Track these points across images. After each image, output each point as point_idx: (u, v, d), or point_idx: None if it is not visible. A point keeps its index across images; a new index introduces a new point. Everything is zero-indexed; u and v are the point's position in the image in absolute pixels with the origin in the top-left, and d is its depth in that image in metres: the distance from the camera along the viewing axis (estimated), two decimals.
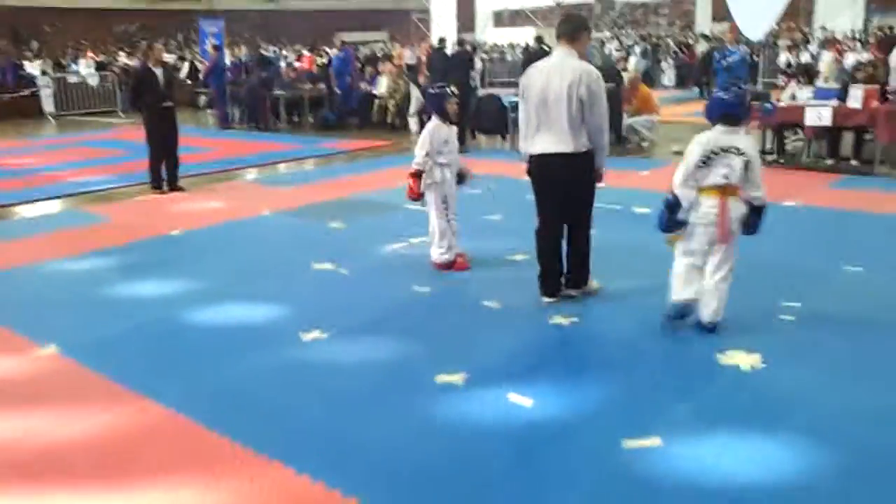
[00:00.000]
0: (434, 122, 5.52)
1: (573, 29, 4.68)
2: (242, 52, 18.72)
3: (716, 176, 4.13)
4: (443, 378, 3.82)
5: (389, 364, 4.06)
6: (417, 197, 5.47)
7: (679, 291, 4.31)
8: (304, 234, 6.85)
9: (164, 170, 9.02)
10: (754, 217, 4.25)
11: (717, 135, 4.17)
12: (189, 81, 19.87)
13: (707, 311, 4.31)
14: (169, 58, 18.77)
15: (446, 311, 4.88)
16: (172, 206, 8.31)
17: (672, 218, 4.26)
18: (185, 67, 20.81)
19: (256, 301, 5.08)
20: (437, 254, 5.56)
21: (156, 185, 8.98)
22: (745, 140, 4.22)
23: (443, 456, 3.15)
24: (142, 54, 9.44)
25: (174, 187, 9.07)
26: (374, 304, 4.98)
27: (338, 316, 4.75)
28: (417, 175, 5.40)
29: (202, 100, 18.93)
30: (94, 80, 19.84)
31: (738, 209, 4.19)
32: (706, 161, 4.14)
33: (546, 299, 4.91)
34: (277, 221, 7.42)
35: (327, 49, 21.90)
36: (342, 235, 6.79)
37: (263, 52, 21.38)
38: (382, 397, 3.67)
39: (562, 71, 4.56)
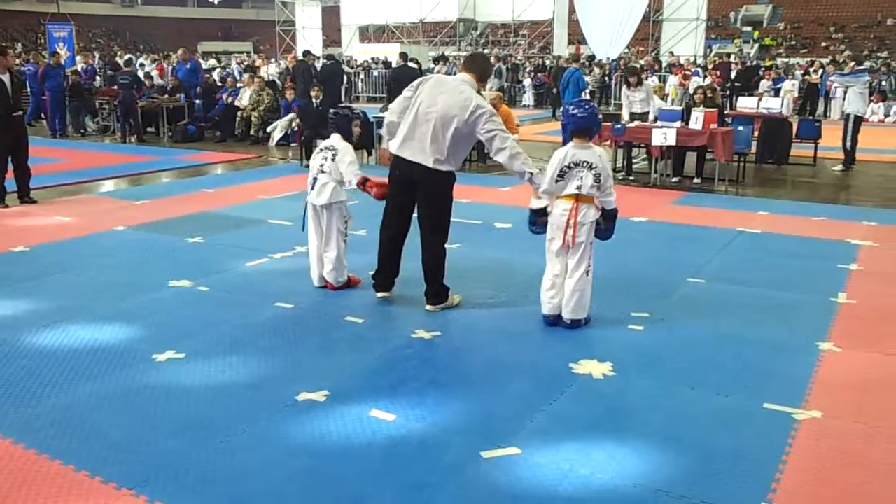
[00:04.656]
0: (339, 136, 5.39)
1: (479, 69, 5.01)
2: (95, 58, 17.84)
3: (570, 188, 4.52)
4: (305, 396, 3.77)
5: (249, 383, 3.96)
6: (384, 190, 5.09)
7: (545, 305, 4.73)
8: (160, 251, 6.58)
9: (16, 182, 8.47)
10: (608, 223, 4.65)
11: (573, 150, 4.53)
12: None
13: (566, 310, 4.67)
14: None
15: (309, 327, 4.82)
16: (16, 221, 7.77)
17: (534, 218, 4.70)
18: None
19: (106, 321, 4.82)
20: (334, 277, 5.37)
21: None
22: (596, 154, 4.57)
23: (303, 476, 3.10)
24: None
25: (25, 200, 8.54)
26: (234, 321, 4.85)
27: (195, 335, 4.60)
28: (365, 180, 5.20)
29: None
30: None
31: (589, 215, 4.55)
32: (562, 175, 4.51)
33: (379, 294, 5.14)
34: (132, 237, 7.08)
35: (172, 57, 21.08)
36: (201, 251, 6.58)
37: (118, 59, 20.48)
38: (241, 418, 3.57)
39: (459, 93, 4.74)
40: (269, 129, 13.95)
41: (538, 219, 4.70)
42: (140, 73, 18.19)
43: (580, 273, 4.61)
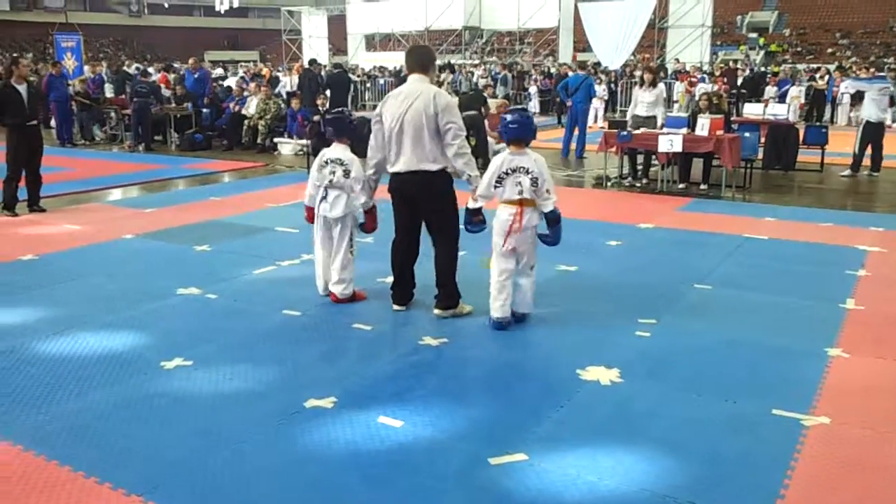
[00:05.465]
0: (342, 146, 5.33)
1: (422, 61, 5.04)
2: (103, 68, 17.94)
3: (511, 193, 4.66)
4: (312, 403, 3.78)
5: (257, 390, 3.98)
6: (375, 227, 5.39)
7: (495, 310, 4.81)
8: (168, 259, 6.61)
9: (27, 190, 8.53)
10: (551, 227, 4.77)
11: (510, 157, 4.69)
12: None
13: (522, 306, 4.89)
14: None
15: (316, 334, 4.83)
16: (25, 229, 7.82)
17: (469, 217, 4.84)
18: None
19: (115, 329, 4.85)
20: (340, 289, 5.31)
21: (8, 206, 8.43)
22: (532, 159, 4.70)
23: (311, 482, 3.11)
24: (4, 70, 8.84)
25: (34, 208, 8.59)
26: (242, 329, 4.87)
27: (203, 343, 4.62)
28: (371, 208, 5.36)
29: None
30: None
31: (533, 219, 4.71)
32: (500, 181, 4.67)
33: (396, 307, 5.18)
34: (140, 245, 7.12)
35: (178, 66, 21.21)
36: (209, 259, 6.61)
37: (126, 68, 20.59)
38: (249, 425, 3.58)
39: (418, 94, 4.83)
40: (276, 140, 14.02)
41: (473, 218, 4.85)
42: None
43: (530, 270, 4.82)
